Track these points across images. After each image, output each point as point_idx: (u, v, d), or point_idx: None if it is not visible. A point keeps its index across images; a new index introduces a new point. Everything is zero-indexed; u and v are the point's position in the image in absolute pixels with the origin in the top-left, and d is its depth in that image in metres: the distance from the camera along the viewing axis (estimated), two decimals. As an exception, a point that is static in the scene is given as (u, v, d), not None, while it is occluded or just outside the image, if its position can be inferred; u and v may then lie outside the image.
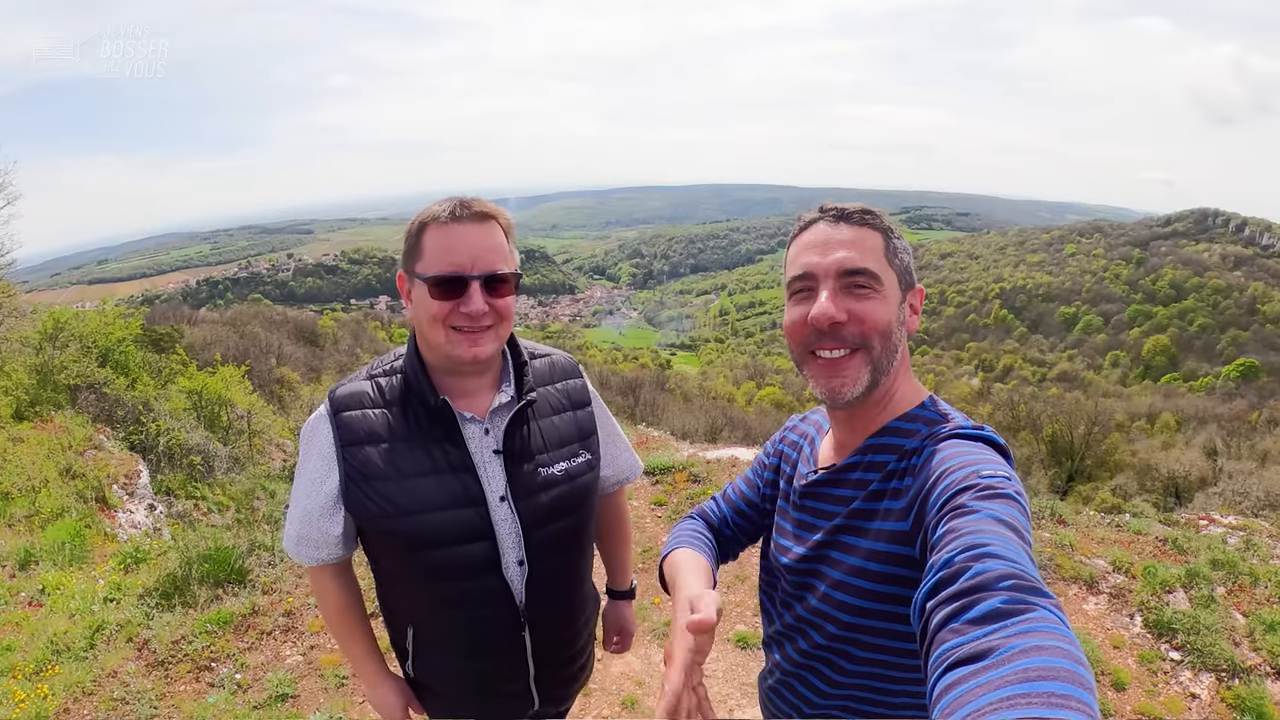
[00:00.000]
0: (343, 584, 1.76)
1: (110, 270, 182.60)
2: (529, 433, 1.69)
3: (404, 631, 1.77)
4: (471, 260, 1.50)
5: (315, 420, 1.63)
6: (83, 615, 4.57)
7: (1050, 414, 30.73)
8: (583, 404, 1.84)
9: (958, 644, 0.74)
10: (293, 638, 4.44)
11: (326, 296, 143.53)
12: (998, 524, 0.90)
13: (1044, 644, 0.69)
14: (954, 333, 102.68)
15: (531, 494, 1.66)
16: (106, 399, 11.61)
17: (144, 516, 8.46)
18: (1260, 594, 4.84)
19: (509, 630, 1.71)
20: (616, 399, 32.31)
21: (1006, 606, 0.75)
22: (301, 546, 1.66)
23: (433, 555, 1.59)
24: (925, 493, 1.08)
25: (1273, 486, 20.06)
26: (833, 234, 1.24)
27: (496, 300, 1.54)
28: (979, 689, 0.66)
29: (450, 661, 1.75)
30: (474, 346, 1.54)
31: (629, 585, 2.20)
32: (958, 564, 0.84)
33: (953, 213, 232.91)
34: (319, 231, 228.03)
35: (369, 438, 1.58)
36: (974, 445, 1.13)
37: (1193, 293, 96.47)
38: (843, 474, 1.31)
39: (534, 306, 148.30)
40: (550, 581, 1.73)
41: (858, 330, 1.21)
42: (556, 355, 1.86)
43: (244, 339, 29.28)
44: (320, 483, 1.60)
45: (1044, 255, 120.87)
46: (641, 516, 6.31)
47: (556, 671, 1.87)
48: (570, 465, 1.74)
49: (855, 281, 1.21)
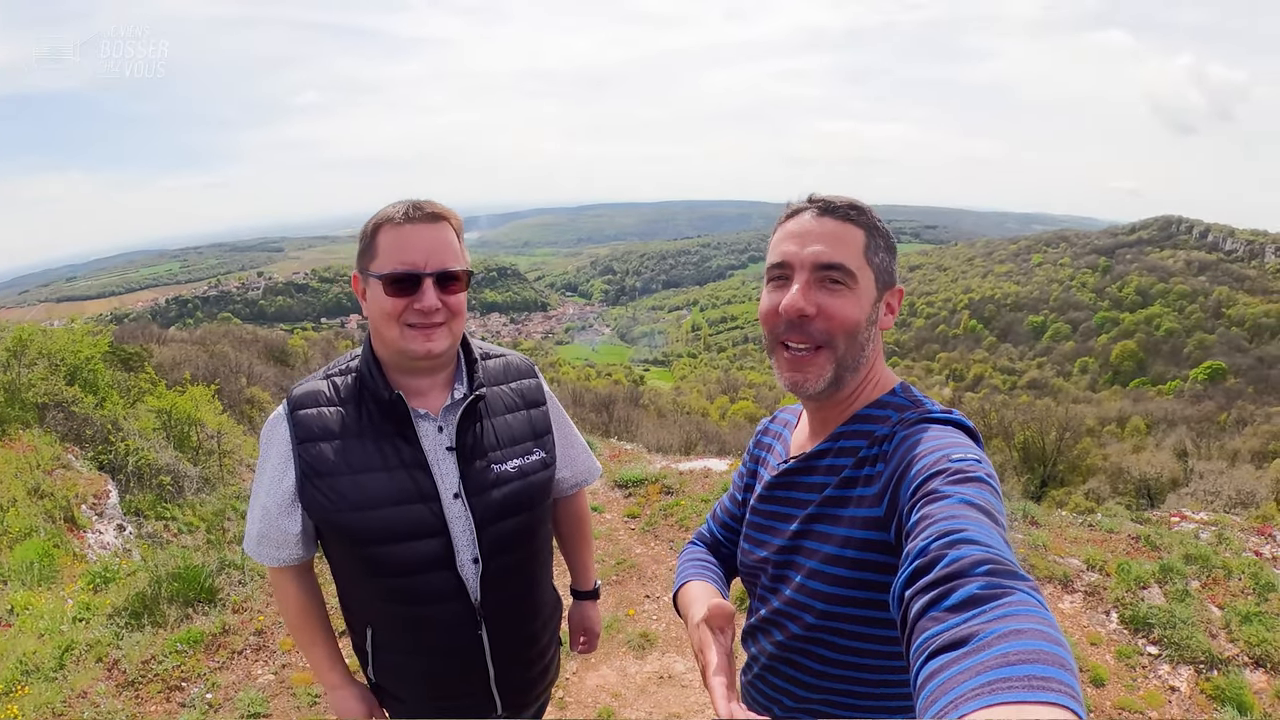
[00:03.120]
0: (303, 587, 1.77)
1: (79, 288, 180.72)
2: (482, 430, 1.72)
3: (363, 634, 1.77)
4: (424, 258, 1.54)
5: (274, 420, 1.65)
6: (52, 635, 4.48)
7: (1021, 421, 31.01)
8: (537, 403, 1.86)
9: (938, 632, 0.75)
10: (264, 656, 4.37)
11: (297, 315, 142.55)
12: (971, 508, 0.92)
13: (1023, 627, 0.69)
14: (924, 343, 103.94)
15: (484, 490, 1.68)
16: (75, 418, 11.43)
17: (113, 537, 8.32)
18: (1234, 586, 4.91)
19: (465, 628, 1.72)
20: (590, 415, 32.26)
21: (984, 592, 0.76)
22: (263, 546, 1.68)
23: (385, 551, 1.61)
24: (898, 478, 1.10)
25: (1244, 485, 20.47)
26: (814, 226, 1.25)
27: (449, 297, 1.58)
28: (960, 675, 0.67)
29: (407, 660, 1.76)
30: (428, 341, 1.57)
31: (592, 585, 2.22)
32: (933, 551, 0.85)
33: (921, 225, 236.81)
34: (289, 249, 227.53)
35: (324, 434, 1.61)
36: (944, 429, 1.15)
37: (1159, 298, 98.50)
38: (814, 461, 1.32)
39: (506, 324, 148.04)
40: (505, 579, 1.74)
41: (824, 327, 1.22)
42: (511, 356, 1.89)
43: (213, 358, 28.92)
44: (278, 481, 1.62)
45: (1011, 265, 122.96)
46: (615, 529, 6.29)
47: (518, 673, 1.87)
48: (524, 462, 1.76)
49: (830, 276, 1.22)
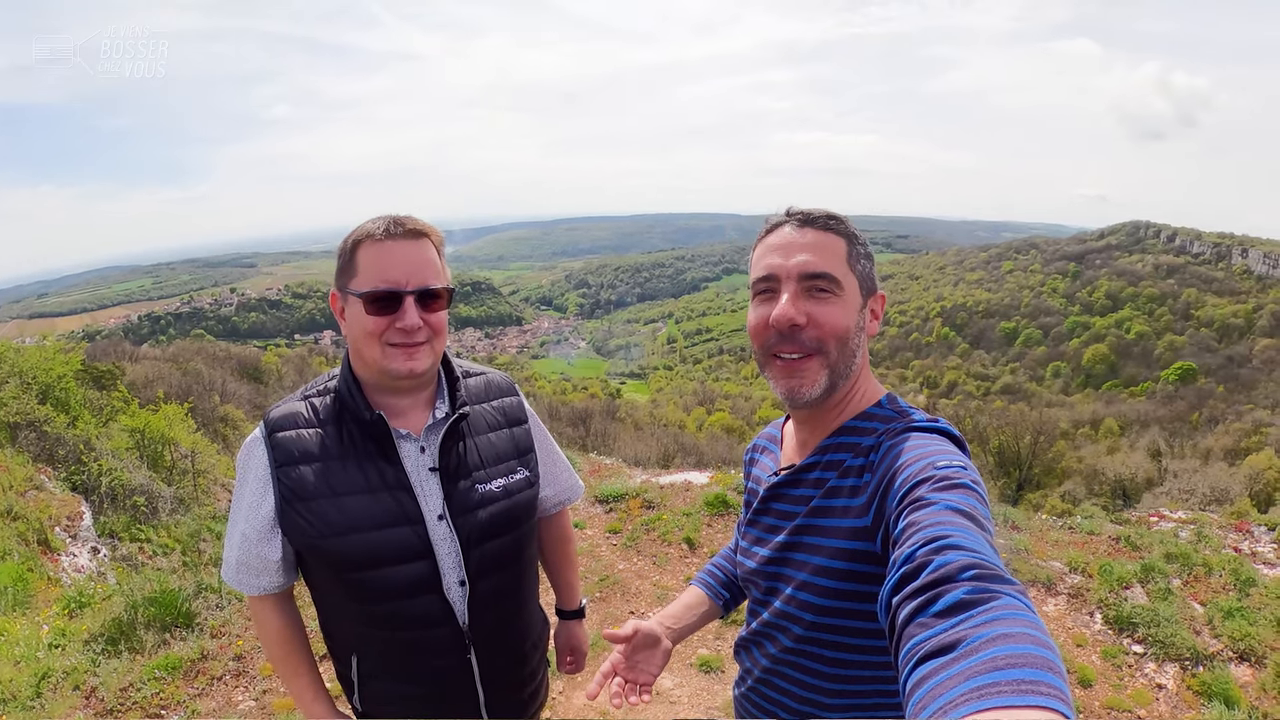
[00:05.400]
0: (284, 615, 1.72)
1: (50, 304, 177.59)
2: (465, 450, 1.68)
3: (348, 662, 1.72)
4: (405, 276, 1.51)
5: (250, 443, 1.61)
6: (28, 662, 4.38)
7: (996, 426, 31.36)
8: (519, 421, 1.83)
9: (926, 638, 0.75)
10: (244, 682, 4.28)
11: (270, 332, 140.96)
12: (956, 514, 0.92)
13: (1011, 631, 0.69)
14: (898, 351, 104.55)
15: (469, 511, 1.64)
16: (47, 437, 11.19)
17: (88, 560, 8.15)
18: (1215, 582, 4.98)
19: (453, 653, 1.68)
20: (567, 430, 32.15)
21: (971, 597, 0.76)
22: (242, 574, 1.63)
23: (370, 576, 1.56)
24: (884, 487, 1.10)
25: (1218, 482, 20.81)
26: (797, 237, 1.28)
27: (430, 315, 1.55)
28: (949, 681, 0.67)
29: (396, 688, 1.71)
30: (410, 360, 1.54)
31: (578, 605, 2.18)
32: (920, 558, 0.85)
33: (892, 235, 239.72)
34: (262, 265, 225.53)
35: (303, 457, 1.56)
36: (930, 437, 1.16)
37: (1129, 302, 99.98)
38: (802, 474, 1.33)
39: (481, 339, 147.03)
40: (493, 601, 1.71)
41: (815, 334, 1.25)
42: (492, 374, 1.86)
43: (186, 376, 28.51)
44: (257, 507, 1.57)
45: (982, 273, 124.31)
46: (596, 545, 6.25)
47: (508, 695, 1.83)
48: (508, 482, 1.73)
49: (816, 285, 1.25)
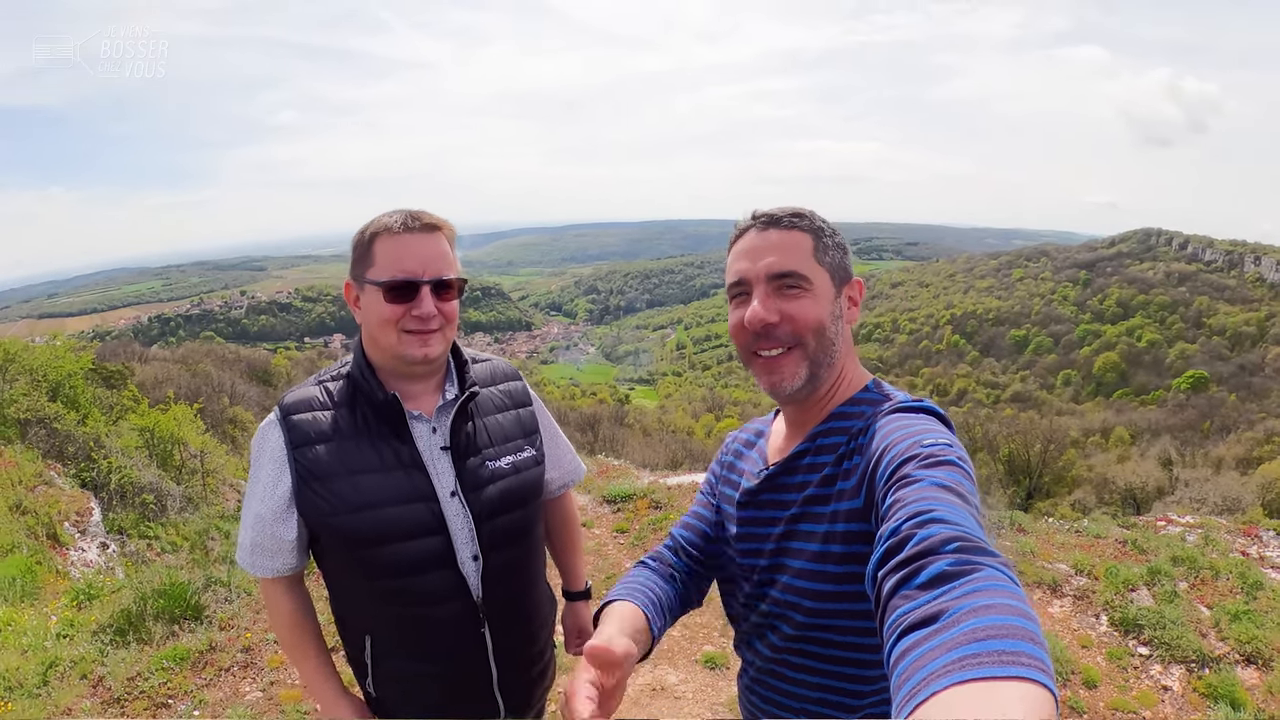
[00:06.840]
0: (296, 599, 1.76)
1: (60, 305, 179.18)
2: (474, 429, 1.76)
3: (361, 644, 1.75)
4: (422, 267, 1.59)
5: (266, 427, 1.66)
6: (35, 651, 4.42)
7: (1006, 434, 31.21)
8: (524, 403, 1.91)
9: (908, 609, 0.76)
10: (252, 673, 4.31)
11: (280, 334, 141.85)
12: (941, 490, 0.93)
13: (992, 602, 0.70)
14: (908, 359, 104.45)
15: (480, 487, 1.70)
16: (57, 434, 11.30)
17: (96, 555, 8.21)
18: (1223, 586, 4.95)
19: (468, 627, 1.72)
20: (576, 435, 32.07)
21: (953, 568, 0.77)
22: (256, 555, 1.67)
23: (386, 552, 1.61)
24: (872, 467, 1.12)
25: (1229, 491, 20.61)
26: (760, 241, 1.32)
27: (444, 304, 1.63)
28: (931, 653, 0.67)
29: (410, 666, 1.74)
30: (424, 347, 1.62)
31: (584, 586, 2.23)
32: (904, 531, 0.87)
33: (902, 243, 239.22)
34: (272, 268, 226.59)
35: (319, 437, 1.62)
36: (916, 416, 1.18)
37: (1139, 310, 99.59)
38: (793, 463, 1.34)
39: (490, 343, 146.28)
40: (505, 576, 1.76)
41: (790, 329, 1.28)
42: (496, 361, 1.95)
43: (196, 377, 28.73)
44: (273, 487, 1.62)
45: (993, 280, 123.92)
46: (604, 544, 6.28)
47: (519, 674, 1.87)
48: (516, 459, 1.80)
49: (785, 283, 1.28)
